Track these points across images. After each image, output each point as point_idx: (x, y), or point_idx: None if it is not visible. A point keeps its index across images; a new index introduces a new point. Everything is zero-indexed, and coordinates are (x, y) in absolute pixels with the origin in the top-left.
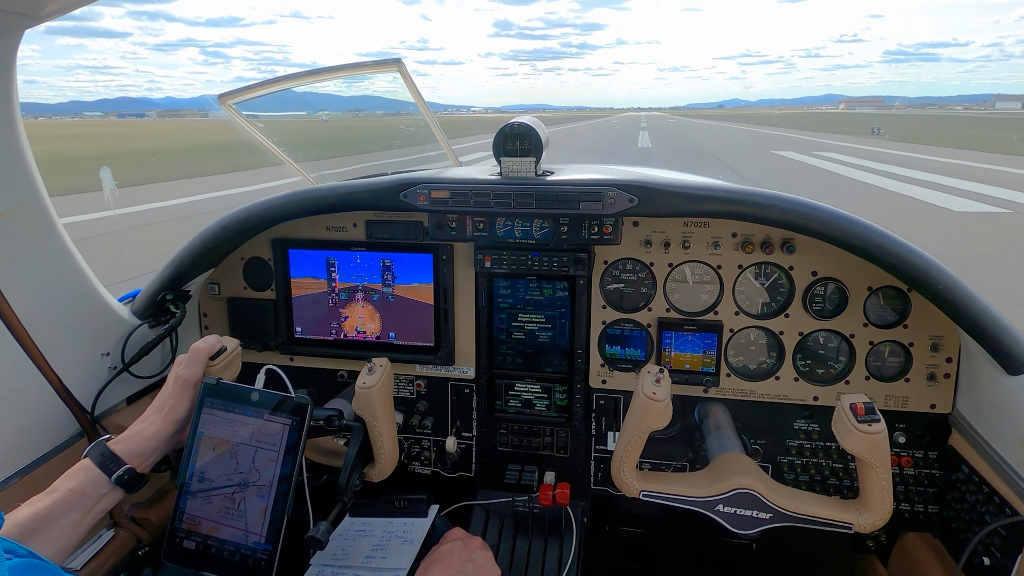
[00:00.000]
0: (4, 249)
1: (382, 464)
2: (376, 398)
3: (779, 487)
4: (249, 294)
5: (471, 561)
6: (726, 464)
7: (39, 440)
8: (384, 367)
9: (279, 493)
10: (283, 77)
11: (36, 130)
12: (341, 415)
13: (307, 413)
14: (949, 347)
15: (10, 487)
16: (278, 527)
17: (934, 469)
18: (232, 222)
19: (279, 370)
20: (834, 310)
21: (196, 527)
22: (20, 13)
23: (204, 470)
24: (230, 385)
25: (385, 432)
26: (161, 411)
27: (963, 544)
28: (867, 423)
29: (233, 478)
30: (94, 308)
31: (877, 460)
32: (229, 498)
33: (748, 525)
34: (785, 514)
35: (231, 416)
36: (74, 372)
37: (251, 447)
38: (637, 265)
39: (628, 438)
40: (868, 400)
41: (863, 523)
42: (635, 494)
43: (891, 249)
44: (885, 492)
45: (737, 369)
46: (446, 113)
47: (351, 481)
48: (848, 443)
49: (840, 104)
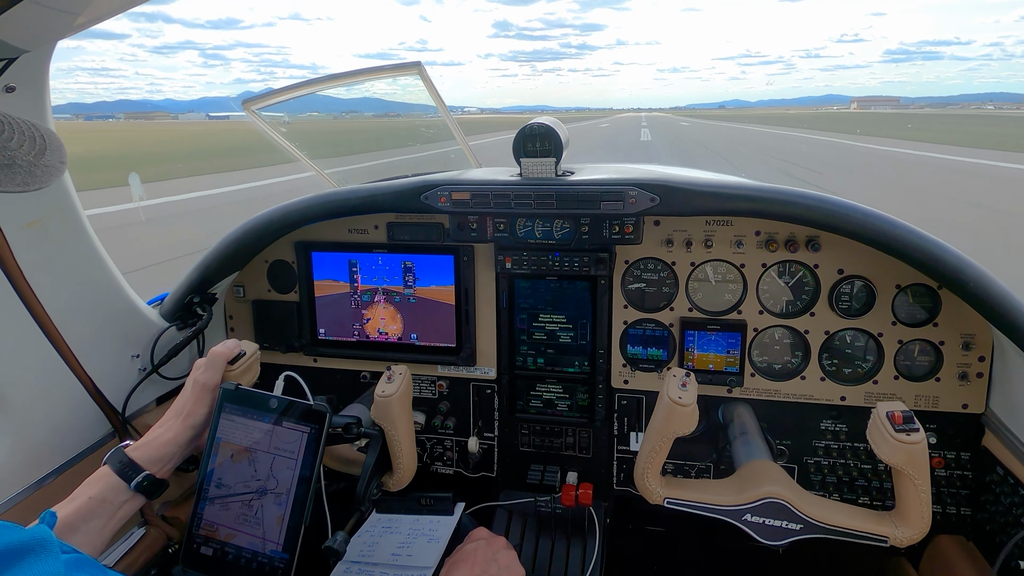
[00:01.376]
0: (37, 254)
1: (400, 473)
2: (395, 406)
3: (810, 496)
4: (273, 296)
5: (495, 560)
6: (754, 472)
7: (73, 440)
8: (403, 375)
9: (296, 501)
10: (304, 83)
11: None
12: (360, 423)
13: (325, 421)
14: (982, 345)
15: (45, 487)
16: (295, 536)
17: (967, 470)
18: (256, 226)
19: (298, 377)
20: (861, 308)
21: (214, 533)
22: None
23: (222, 476)
24: (248, 391)
25: (404, 441)
26: (179, 416)
27: (998, 547)
28: (906, 432)
29: (251, 485)
30: (124, 311)
31: (916, 471)
32: (247, 505)
33: (777, 536)
34: (817, 525)
35: (249, 422)
36: (105, 373)
37: (269, 454)
38: (659, 264)
39: (652, 443)
40: (906, 409)
41: (899, 536)
42: (659, 501)
43: (920, 245)
44: (924, 505)
45: (761, 369)
46: (435, 117)
47: (369, 490)
48: (885, 453)
49: (852, 104)
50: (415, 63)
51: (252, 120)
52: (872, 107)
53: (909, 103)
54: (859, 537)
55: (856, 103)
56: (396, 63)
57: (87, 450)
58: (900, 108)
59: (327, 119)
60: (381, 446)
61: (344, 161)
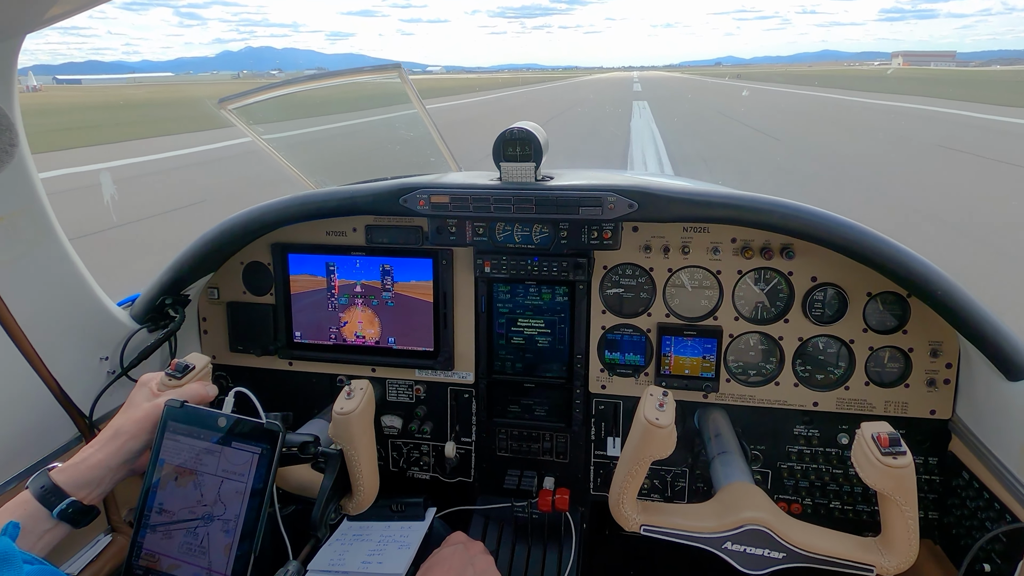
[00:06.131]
0: (3, 253)
1: (360, 496)
2: (355, 424)
3: (793, 522)
4: (248, 298)
5: (472, 565)
6: (734, 496)
7: (37, 444)
8: (364, 390)
9: (246, 528)
10: (282, 83)
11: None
12: (317, 441)
13: (279, 440)
14: (949, 353)
15: (7, 492)
16: (244, 566)
17: (934, 475)
18: (232, 226)
19: (250, 393)
20: (834, 315)
21: (155, 564)
22: (21, 19)
23: (164, 500)
24: (195, 408)
25: (364, 461)
26: (115, 437)
27: (964, 550)
28: (892, 455)
29: (196, 510)
30: (93, 312)
31: (903, 497)
32: (192, 533)
33: (759, 565)
34: (800, 554)
35: (195, 442)
36: (72, 376)
37: (217, 476)
38: (637, 270)
39: (628, 467)
40: (892, 430)
41: (886, 565)
42: (635, 528)
43: (890, 255)
44: (911, 532)
45: (737, 374)
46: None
47: (326, 514)
48: (870, 477)
49: (896, 58)
50: (395, 64)
51: (230, 119)
52: (932, 63)
53: (969, 60)
54: (844, 566)
55: (901, 57)
56: (376, 65)
57: (53, 454)
58: (961, 65)
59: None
60: (339, 467)
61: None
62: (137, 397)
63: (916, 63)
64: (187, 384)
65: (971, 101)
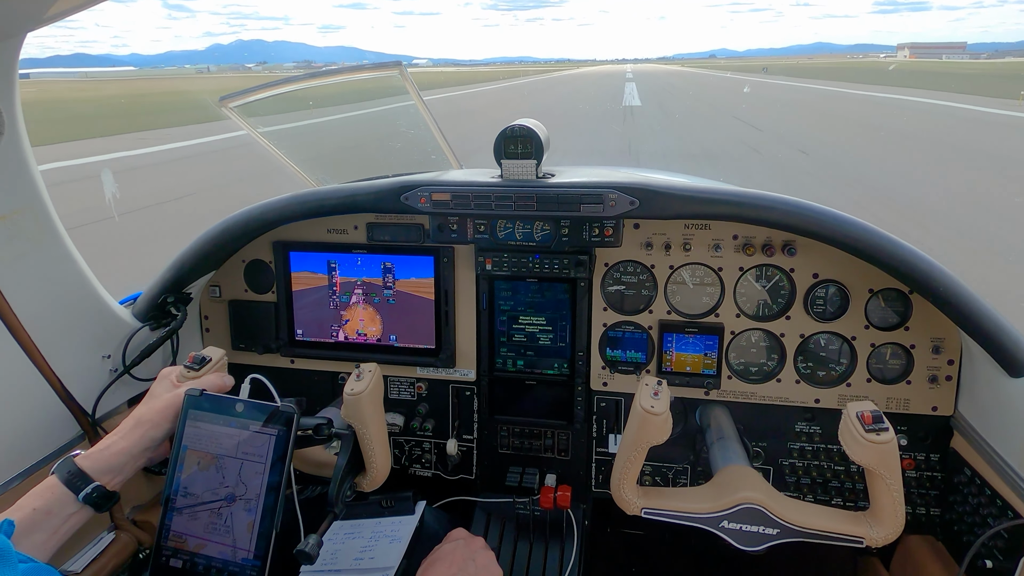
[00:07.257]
0: (5, 251)
1: (374, 473)
2: (365, 404)
3: (786, 500)
4: (250, 296)
5: (473, 560)
6: (730, 477)
7: (40, 443)
8: (373, 372)
9: (267, 507)
10: (282, 80)
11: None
12: (331, 423)
13: (293, 423)
14: (951, 349)
15: (11, 490)
16: (266, 542)
17: (936, 472)
18: (233, 224)
19: (264, 379)
20: (835, 312)
21: (182, 544)
22: (22, 17)
23: (189, 485)
24: (213, 396)
25: (376, 440)
26: (138, 425)
27: (965, 547)
28: (875, 432)
29: (219, 492)
30: (95, 310)
31: (887, 470)
32: (216, 513)
33: (754, 541)
34: (793, 529)
35: (215, 428)
36: (75, 375)
37: (237, 460)
38: (638, 267)
39: (627, 454)
40: (875, 408)
41: (874, 536)
42: (636, 512)
43: (892, 251)
44: (896, 504)
45: (738, 371)
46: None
47: (342, 492)
48: (856, 453)
49: (902, 50)
50: (395, 62)
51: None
52: (943, 55)
53: (980, 52)
54: (835, 539)
55: (908, 49)
56: (377, 63)
57: (55, 453)
58: (974, 57)
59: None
60: (353, 446)
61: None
62: (158, 388)
63: (924, 55)
64: (205, 375)
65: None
